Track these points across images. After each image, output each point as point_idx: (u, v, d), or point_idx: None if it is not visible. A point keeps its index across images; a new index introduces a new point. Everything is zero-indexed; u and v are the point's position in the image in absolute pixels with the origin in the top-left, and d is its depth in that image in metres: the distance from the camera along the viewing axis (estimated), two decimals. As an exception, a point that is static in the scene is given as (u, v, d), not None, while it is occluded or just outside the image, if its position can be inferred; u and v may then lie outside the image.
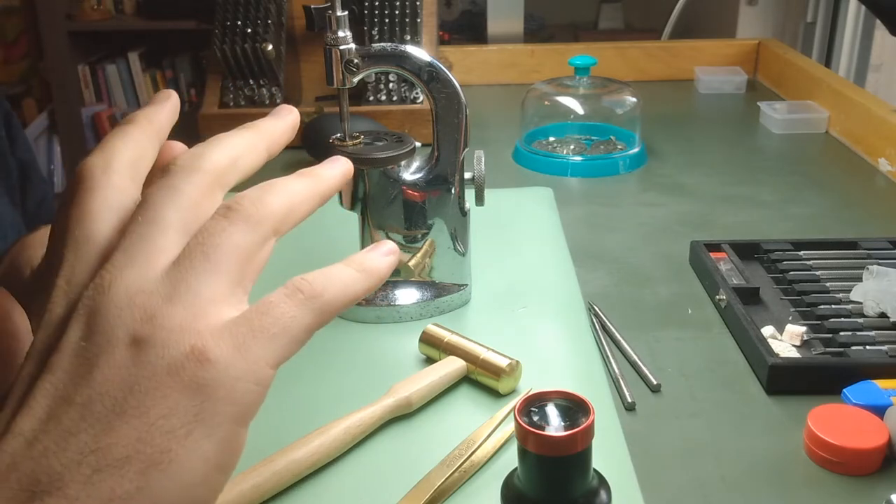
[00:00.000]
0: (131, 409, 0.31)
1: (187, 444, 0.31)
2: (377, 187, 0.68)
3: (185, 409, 0.31)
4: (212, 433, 0.32)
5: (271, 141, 0.42)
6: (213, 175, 0.37)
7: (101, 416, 0.31)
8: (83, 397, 0.31)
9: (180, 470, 0.31)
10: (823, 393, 0.60)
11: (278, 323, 0.33)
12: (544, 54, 1.52)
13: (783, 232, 0.89)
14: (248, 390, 0.32)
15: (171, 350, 0.32)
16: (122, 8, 2.87)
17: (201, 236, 0.34)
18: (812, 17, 1.95)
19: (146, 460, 0.31)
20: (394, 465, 0.54)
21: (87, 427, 0.31)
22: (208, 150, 0.38)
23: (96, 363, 0.32)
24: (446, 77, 0.67)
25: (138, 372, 0.32)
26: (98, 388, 0.31)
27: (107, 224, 0.35)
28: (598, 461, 0.46)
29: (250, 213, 0.36)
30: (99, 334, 0.32)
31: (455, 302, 0.72)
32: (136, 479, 0.31)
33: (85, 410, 0.31)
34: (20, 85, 2.93)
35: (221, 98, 1.20)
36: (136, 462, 0.31)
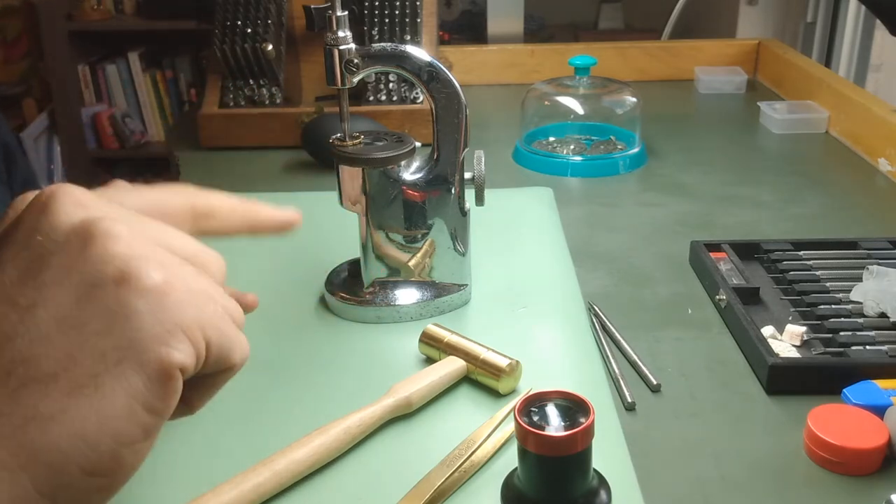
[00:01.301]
0: (71, 318, 0.30)
1: (115, 373, 0.30)
2: (377, 187, 0.68)
3: (119, 334, 0.30)
4: (144, 367, 0.30)
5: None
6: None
7: (41, 323, 0.30)
8: (28, 300, 0.30)
9: (103, 399, 0.30)
10: (823, 393, 0.60)
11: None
12: (544, 54, 1.52)
13: (783, 232, 0.89)
14: (190, 335, 0.32)
15: (127, 263, 0.31)
16: (122, 8, 2.86)
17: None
18: (812, 17, 1.94)
19: (73, 381, 0.30)
20: (394, 465, 0.54)
21: (24, 332, 0.30)
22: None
23: (48, 262, 0.31)
24: (446, 77, 0.67)
25: (88, 278, 0.30)
26: (45, 291, 0.30)
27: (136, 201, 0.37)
28: (598, 461, 0.46)
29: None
30: (56, 226, 0.31)
31: (455, 302, 0.72)
32: (59, 399, 0.30)
33: (26, 315, 0.30)
34: (20, 85, 2.93)
35: (221, 98, 1.20)
36: (62, 381, 0.30)
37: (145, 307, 0.31)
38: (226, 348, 0.34)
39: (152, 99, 2.96)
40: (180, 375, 0.32)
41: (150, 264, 0.31)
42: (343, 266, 0.77)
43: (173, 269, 0.32)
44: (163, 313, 0.31)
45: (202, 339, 0.32)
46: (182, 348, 0.31)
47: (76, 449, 0.30)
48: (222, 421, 0.57)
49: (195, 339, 0.32)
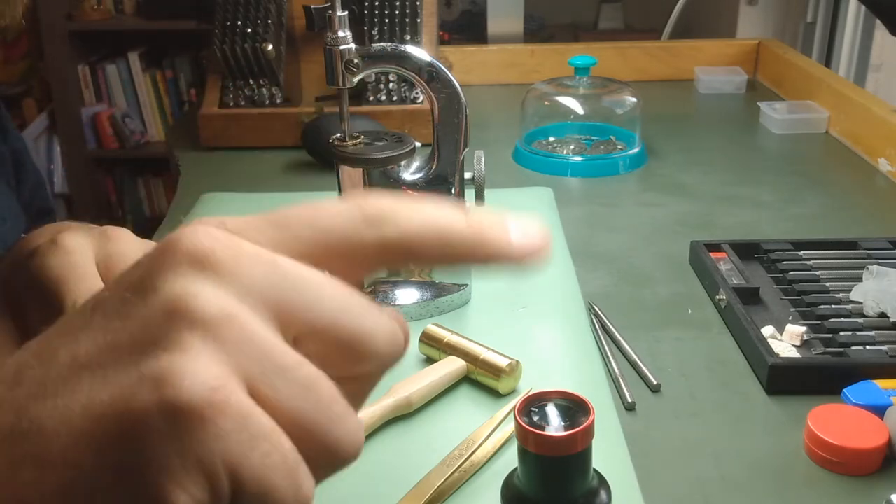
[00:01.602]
0: (98, 404, 0.23)
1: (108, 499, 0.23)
2: (377, 187, 0.68)
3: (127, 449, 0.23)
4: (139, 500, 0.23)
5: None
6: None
7: (77, 392, 0.23)
8: (87, 358, 0.24)
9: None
10: (823, 393, 0.60)
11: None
12: (544, 54, 1.52)
13: (783, 232, 0.89)
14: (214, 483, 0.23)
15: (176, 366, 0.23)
16: (122, 8, 2.86)
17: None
18: (812, 17, 1.94)
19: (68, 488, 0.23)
20: (394, 465, 0.54)
21: (59, 394, 0.23)
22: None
23: (125, 325, 0.24)
24: (446, 77, 0.67)
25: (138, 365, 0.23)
26: (105, 356, 0.24)
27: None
28: (598, 461, 0.46)
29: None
30: (156, 289, 0.24)
31: (455, 302, 0.72)
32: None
33: (75, 375, 0.24)
34: (20, 85, 2.93)
35: (221, 98, 1.20)
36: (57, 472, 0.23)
37: (162, 427, 0.23)
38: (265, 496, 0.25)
39: (152, 99, 2.96)
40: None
41: (205, 371, 0.23)
42: (343, 266, 0.77)
43: (254, 379, 0.24)
44: (181, 443, 0.23)
45: (227, 483, 0.24)
46: (192, 490, 0.23)
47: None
48: (222, 421, 0.57)
49: (218, 482, 0.23)
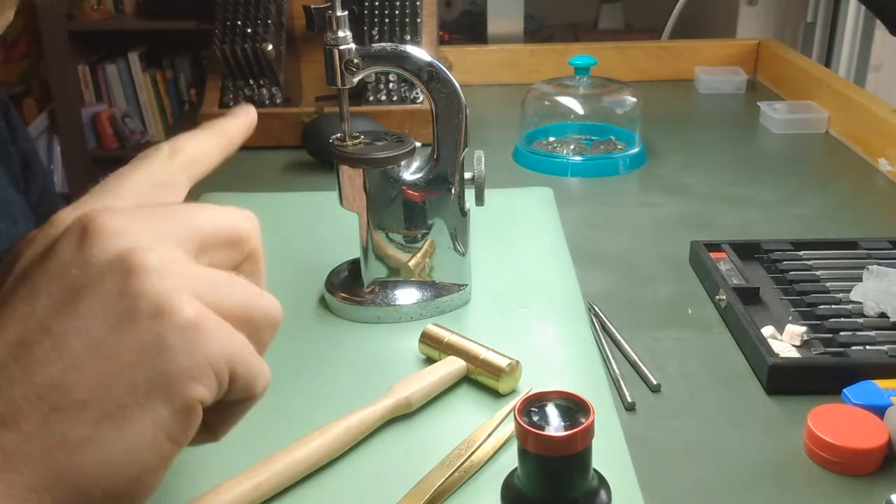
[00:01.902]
0: (105, 349, 0.31)
1: (144, 404, 0.31)
2: (377, 187, 0.68)
3: (151, 366, 0.31)
4: (172, 401, 0.31)
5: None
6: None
7: (75, 352, 0.31)
8: (62, 328, 0.31)
9: (131, 429, 0.31)
10: (823, 393, 0.60)
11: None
12: (544, 54, 1.52)
13: (783, 232, 0.89)
14: (217, 370, 0.33)
15: (161, 297, 0.31)
16: (122, 8, 2.86)
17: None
18: (812, 17, 1.95)
19: (102, 410, 0.31)
20: (394, 465, 0.54)
21: (57, 360, 0.31)
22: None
23: (83, 294, 0.31)
24: (446, 77, 0.67)
25: (122, 311, 0.31)
26: (79, 321, 0.31)
27: (136, 193, 0.38)
28: (598, 461, 0.46)
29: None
30: (92, 261, 0.32)
31: (455, 302, 0.72)
32: (89, 426, 0.30)
33: (60, 342, 0.31)
34: (20, 85, 2.93)
35: (221, 98, 1.20)
36: (92, 409, 0.30)
37: (178, 342, 0.31)
38: (250, 379, 0.35)
39: (152, 99, 2.96)
40: (201, 408, 0.33)
41: (183, 298, 0.32)
42: (343, 266, 0.77)
43: (206, 293, 0.33)
44: (194, 348, 0.32)
45: (227, 373, 0.33)
46: (207, 383, 0.32)
47: (102, 475, 0.31)
48: (222, 421, 0.57)
49: (220, 373, 0.33)
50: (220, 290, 0.34)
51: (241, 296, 0.35)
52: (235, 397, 0.35)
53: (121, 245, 0.32)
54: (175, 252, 0.34)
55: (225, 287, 0.34)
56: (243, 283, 0.36)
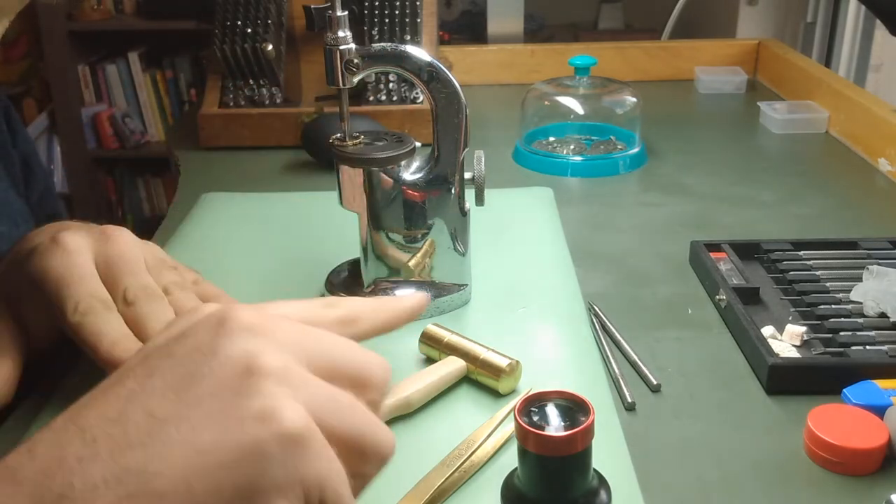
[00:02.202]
0: (201, 443, 0.29)
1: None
2: (377, 187, 0.68)
3: (245, 472, 0.29)
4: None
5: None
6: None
7: (169, 441, 0.29)
8: (164, 413, 0.30)
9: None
10: (823, 393, 0.60)
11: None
12: (544, 54, 1.52)
13: (783, 232, 0.89)
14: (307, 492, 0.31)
15: (273, 402, 0.30)
16: (122, 8, 2.86)
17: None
18: (812, 17, 1.95)
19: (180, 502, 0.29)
20: (394, 465, 0.54)
21: (149, 444, 0.29)
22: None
23: (199, 383, 0.30)
24: (446, 77, 0.67)
25: (230, 408, 0.30)
26: (185, 410, 0.29)
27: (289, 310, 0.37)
28: (598, 461, 0.46)
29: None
30: (218, 351, 0.31)
31: (455, 302, 0.72)
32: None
33: (157, 427, 0.29)
34: (20, 85, 2.93)
35: (221, 98, 1.20)
36: (170, 501, 0.29)
37: (278, 454, 0.30)
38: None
39: (152, 99, 2.96)
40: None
41: (295, 407, 0.30)
42: (343, 266, 0.77)
43: (321, 409, 0.31)
44: (292, 464, 0.30)
45: (317, 498, 0.31)
46: (293, 502, 0.30)
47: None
48: (222, 421, 0.57)
49: (310, 496, 0.31)
50: (337, 407, 0.32)
51: (359, 421, 0.33)
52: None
53: (251, 343, 0.31)
54: (300, 363, 0.32)
55: (343, 407, 0.33)
56: (364, 409, 0.34)
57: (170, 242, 0.85)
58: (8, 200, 0.73)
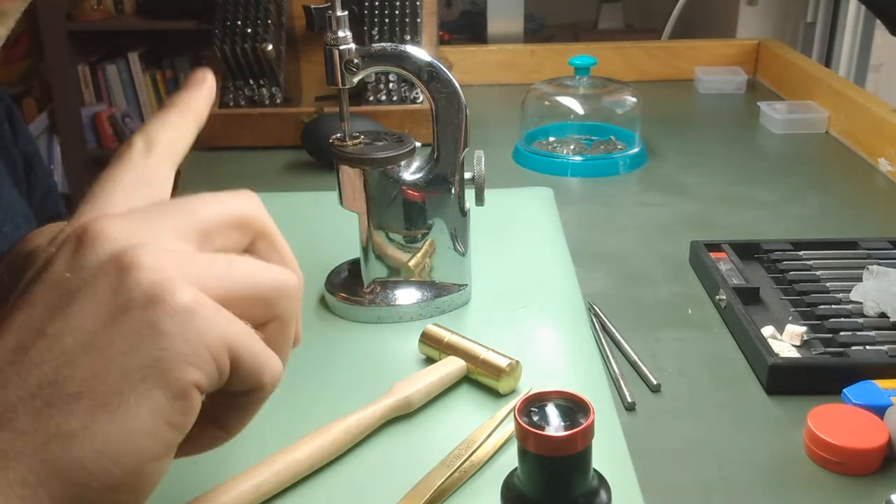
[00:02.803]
0: (97, 341, 0.31)
1: (139, 391, 0.31)
2: (377, 187, 0.68)
3: (145, 353, 0.31)
4: (167, 385, 0.31)
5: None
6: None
7: (68, 349, 0.31)
8: (56, 329, 0.31)
9: (127, 416, 0.31)
10: (823, 393, 0.60)
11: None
12: (544, 54, 1.52)
13: (783, 232, 0.89)
14: (215, 355, 0.32)
15: (155, 286, 0.32)
16: (122, 8, 2.86)
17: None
18: (812, 17, 1.94)
19: (96, 399, 0.31)
20: (394, 465, 0.54)
21: (51, 359, 0.31)
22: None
23: (76, 296, 0.32)
24: (446, 77, 0.67)
25: (116, 305, 0.32)
26: (73, 320, 0.31)
27: (128, 195, 0.38)
28: (598, 461, 0.46)
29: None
30: (84, 265, 0.32)
31: (455, 302, 0.72)
32: (82, 417, 0.31)
33: (54, 342, 0.31)
34: (20, 85, 2.93)
35: (221, 98, 1.20)
36: (86, 399, 0.31)
37: (173, 327, 0.31)
38: (255, 368, 0.34)
39: (152, 99, 2.96)
40: (198, 393, 0.33)
41: (176, 284, 0.32)
42: (343, 266, 0.77)
43: (201, 279, 0.33)
44: (189, 333, 0.32)
45: (227, 358, 0.33)
46: (205, 367, 0.32)
47: (99, 465, 0.31)
48: (222, 421, 0.57)
49: (219, 359, 0.33)
50: (217, 272, 0.34)
51: (243, 274, 0.35)
52: (241, 387, 0.35)
53: (115, 247, 0.32)
54: (172, 245, 0.34)
55: (223, 268, 0.34)
56: (244, 261, 0.35)
57: (170, 242, 0.84)
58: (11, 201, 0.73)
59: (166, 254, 0.33)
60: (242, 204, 0.37)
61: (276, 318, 0.36)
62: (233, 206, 0.37)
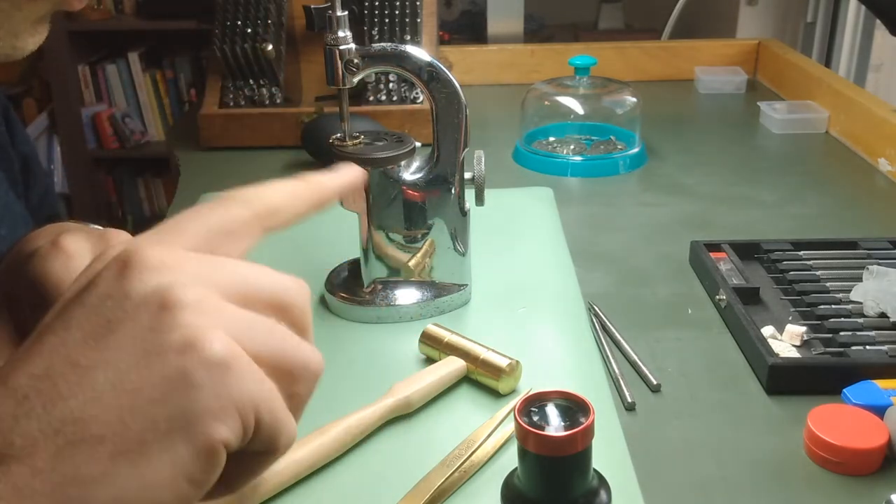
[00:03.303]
0: (128, 383, 0.30)
1: (164, 443, 0.30)
2: (377, 187, 0.68)
3: (175, 403, 0.30)
4: (193, 440, 0.30)
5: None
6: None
7: (98, 386, 0.30)
8: (89, 361, 0.30)
9: (149, 467, 0.30)
10: (823, 393, 0.60)
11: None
12: (544, 54, 1.52)
13: (783, 232, 0.89)
14: (243, 413, 0.31)
15: (193, 332, 0.31)
16: (122, 8, 2.86)
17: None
18: (812, 17, 1.94)
19: (119, 445, 0.30)
20: (394, 465, 0.54)
21: (79, 393, 0.30)
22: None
23: (115, 328, 0.31)
24: (446, 77, 0.67)
25: (152, 345, 0.30)
26: (107, 354, 0.30)
27: (199, 237, 0.36)
28: (598, 461, 0.46)
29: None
30: (130, 294, 0.31)
31: (455, 302, 0.72)
32: (103, 462, 0.30)
33: (85, 376, 0.30)
34: (20, 85, 2.92)
35: (221, 98, 1.20)
36: (109, 444, 0.30)
37: (204, 379, 0.30)
38: (275, 430, 0.33)
39: (152, 99, 2.96)
40: (224, 452, 0.31)
41: (215, 334, 0.31)
42: (343, 266, 0.77)
43: (241, 335, 0.32)
44: (221, 388, 0.31)
45: (253, 418, 0.32)
46: (232, 425, 0.31)
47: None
48: (222, 421, 0.57)
49: (246, 418, 0.32)
50: (257, 332, 0.33)
51: (280, 342, 0.34)
52: (256, 448, 0.34)
53: (161, 280, 0.31)
54: (215, 294, 0.32)
55: (263, 330, 0.33)
56: (285, 331, 0.34)
57: (170, 242, 0.84)
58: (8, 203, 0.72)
59: (210, 300, 0.32)
60: (293, 289, 0.36)
61: (291, 396, 0.35)
62: (283, 285, 0.35)
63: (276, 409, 0.33)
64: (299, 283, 0.36)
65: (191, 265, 0.33)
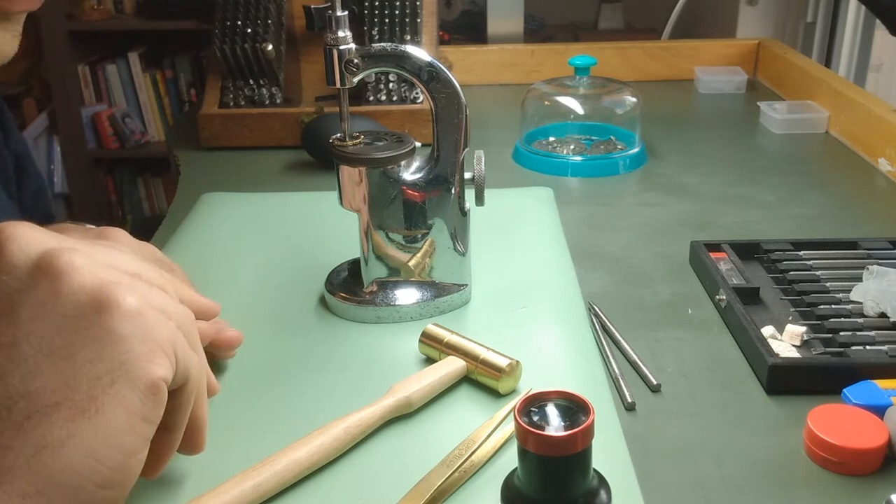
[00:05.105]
0: (59, 350, 0.33)
1: (111, 393, 0.33)
2: (377, 187, 0.68)
3: (110, 357, 0.33)
4: (136, 384, 0.34)
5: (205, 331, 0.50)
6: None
7: (28, 357, 0.32)
8: (7, 337, 0.33)
9: (105, 418, 0.33)
10: (823, 393, 0.60)
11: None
12: (544, 54, 1.52)
13: (783, 232, 0.89)
14: (167, 351, 0.35)
15: (101, 291, 0.34)
16: (122, 8, 2.86)
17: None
18: (812, 17, 1.94)
19: (74, 407, 0.32)
20: (394, 465, 0.54)
21: (13, 368, 0.32)
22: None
23: (19, 299, 0.33)
24: (446, 77, 0.67)
25: (65, 310, 0.33)
26: (23, 327, 0.33)
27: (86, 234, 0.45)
28: (598, 461, 0.46)
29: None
30: (16, 263, 0.34)
31: (455, 302, 0.72)
32: (65, 425, 0.32)
33: (11, 352, 0.32)
34: (20, 85, 2.93)
35: (221, 98, 1.20)
36: (64, 408, 0.32)
37: (129, 330, 0.34)
38: (186, 362, 0.37)
39: (152, 99, 2.96)
40: (165, 386, 0.35)
41: (122, 289, 0.34)
42: (343, 266, 0.77)
43: (141, 291, 0.36)
44: (144, 334, 0.34)
45: (174, 354, 0.36)
46: (163, 362, 0.35)
47: (88, 467, 0.32)
48: (223, 421, 0.57)
49: (168, 354, 0.35)
50: (143, 284, 0.37)
51: (160, 291, 0.38)
52: (178, 381, 0.37)
53: (41, 247, 0.34)
54: (94, 252, 0.36)
55: (168, 297, 0.38)
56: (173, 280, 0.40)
57: (169, 243, 0.85)
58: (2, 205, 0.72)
59: (95, 259, 0.35)
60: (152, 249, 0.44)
61: (187, 333, 0.39)
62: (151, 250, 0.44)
63: (183, 345, 0.37)
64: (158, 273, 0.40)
65: (67, 237, 0.36)
